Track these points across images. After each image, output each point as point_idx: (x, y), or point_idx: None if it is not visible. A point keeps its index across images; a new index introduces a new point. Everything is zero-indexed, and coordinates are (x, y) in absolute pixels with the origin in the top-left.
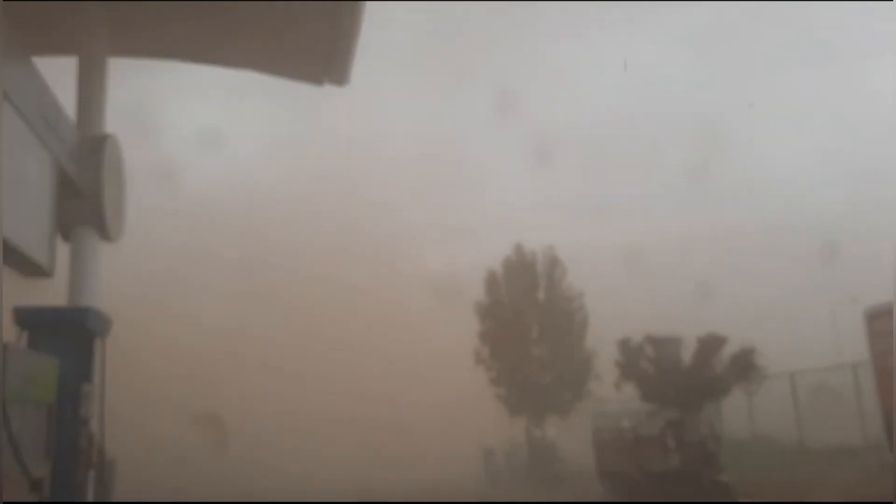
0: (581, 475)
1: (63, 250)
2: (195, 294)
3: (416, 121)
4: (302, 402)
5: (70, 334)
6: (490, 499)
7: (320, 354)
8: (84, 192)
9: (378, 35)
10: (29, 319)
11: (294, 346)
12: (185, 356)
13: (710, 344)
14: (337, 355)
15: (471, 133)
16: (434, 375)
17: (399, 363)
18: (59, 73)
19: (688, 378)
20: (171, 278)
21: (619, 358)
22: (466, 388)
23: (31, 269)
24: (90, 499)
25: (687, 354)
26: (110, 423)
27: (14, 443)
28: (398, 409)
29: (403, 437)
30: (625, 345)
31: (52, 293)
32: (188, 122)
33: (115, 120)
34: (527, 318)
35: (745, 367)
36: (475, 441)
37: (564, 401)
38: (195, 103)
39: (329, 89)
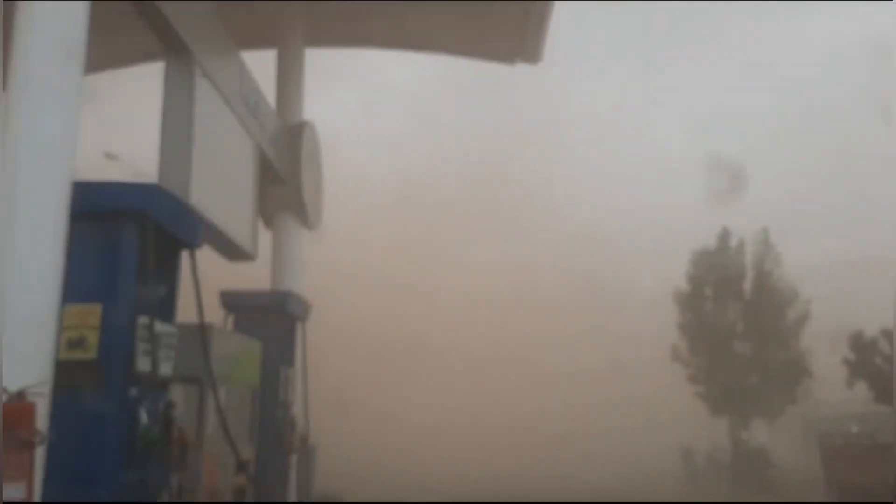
0: (796, 482)
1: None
2: (388, 288)
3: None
4: (495, 394)
5: (272, 318)
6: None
7: (507, 341)
8: (284, 179)
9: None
10: (234, 303)
11: (477, 337)
12: (373, 349)
13: None
14: (523, 344)
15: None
16: (627, 371)
17: (591, 355)
18: (255, 65)
19: None
20: (368, 269)
21: (848, 354)
22: (662, 385)
23: (235, 253)
24: (293, 483)
25: None
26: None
27: (224, 422)
28: (591, 406)
29: (595, 436)
30: (856, 340)
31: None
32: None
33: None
34: (731, 310)
35: None
36: (672, 441)
37: (773, 402)
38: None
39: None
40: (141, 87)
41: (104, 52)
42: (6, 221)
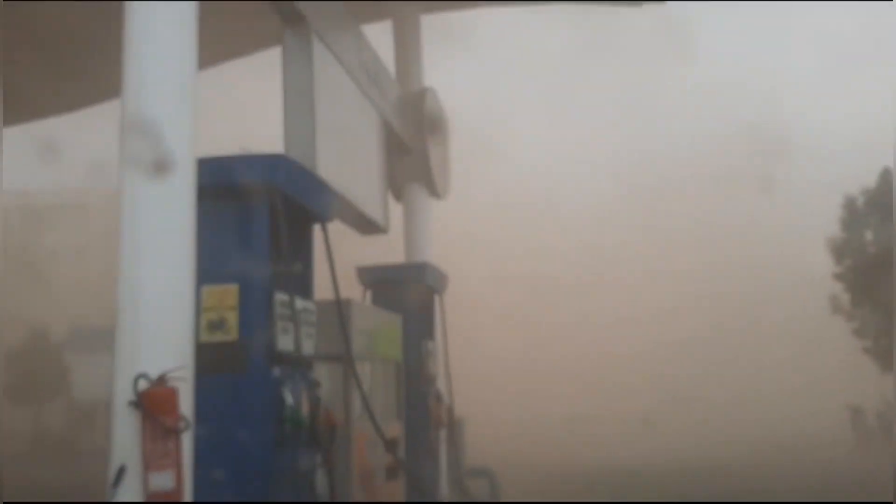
0: None
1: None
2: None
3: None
4: (647, 363)
5: (410, 291)
6: (863, 462)
7: (652, 307)
8: (410, 148)
9: None
10: (371, 278)
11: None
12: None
13: None
14: (670, 310)
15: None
16: (787, 325)
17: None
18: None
19: None
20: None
21: None
22: (824, 341)
23: (367, 226)
24: (443, 459)
25: None
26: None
27: (365, 400)
28: (751, 369)
29: (759, 397)
30: None
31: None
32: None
33: None
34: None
35: None
36: (838, 400)
37: None
38: None
39: None
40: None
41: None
42: (133, 203)
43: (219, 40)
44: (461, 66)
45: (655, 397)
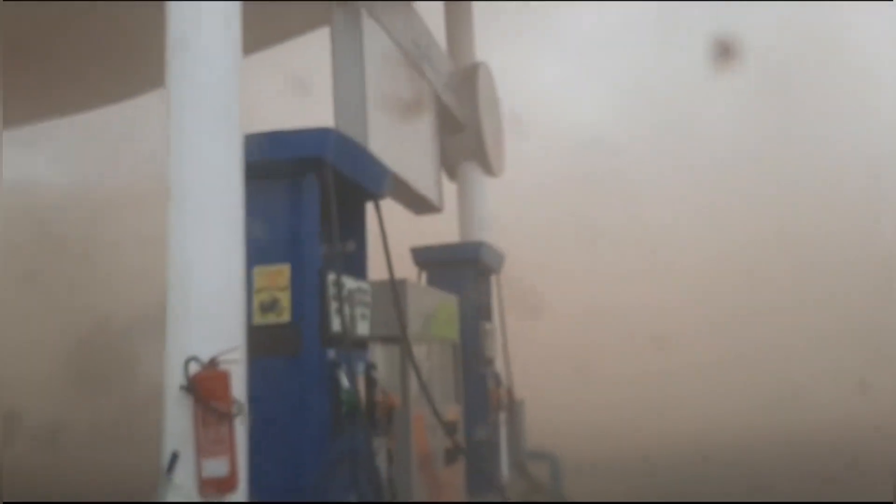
0: None
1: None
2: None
3: None
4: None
5: (466, 271)
6: None
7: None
8: (463, 124)
9: None
10: (425, 258)
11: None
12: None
13: None
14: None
15: None
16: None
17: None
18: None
19: None
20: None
21: None
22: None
23: (420, 205)
24: (503, 442)
25: None
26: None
27: (421, 382)
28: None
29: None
30: None
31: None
32: None
33: None
34: None
35: None
36: None
37: None
38: None
39: None
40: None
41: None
42: (181, 183)
43: (267, 21)
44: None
45: (723, 373)
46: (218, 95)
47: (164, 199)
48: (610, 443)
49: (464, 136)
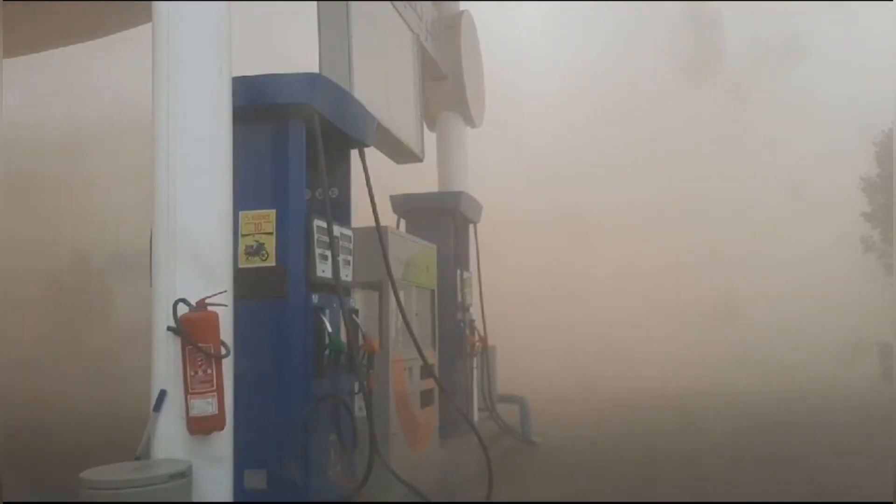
0: None
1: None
2: None
3: None
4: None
5: (445, 220)
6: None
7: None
8: (445, 74)
9: None
10: (404, 206)
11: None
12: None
13: None
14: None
15: None
16: (815, 263)
17: (766, 248)
18: None
19: None
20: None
21: None
22: (854, 279)
23: (402, 154)
24: (475, 386)
25: None
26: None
27: (409, 325)
28: (775, 302)
29: (782, 334)
30: None
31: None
32: None
33: None
34: None
35: None
36: (868, 338)
37: None
38: None
39: None
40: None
41: None
42: (168, 126)
43: None
44: None
45: (686, 326)
46: (207, 35)
47: (139, 139)
48: (580, 387)
49: (445, 85)
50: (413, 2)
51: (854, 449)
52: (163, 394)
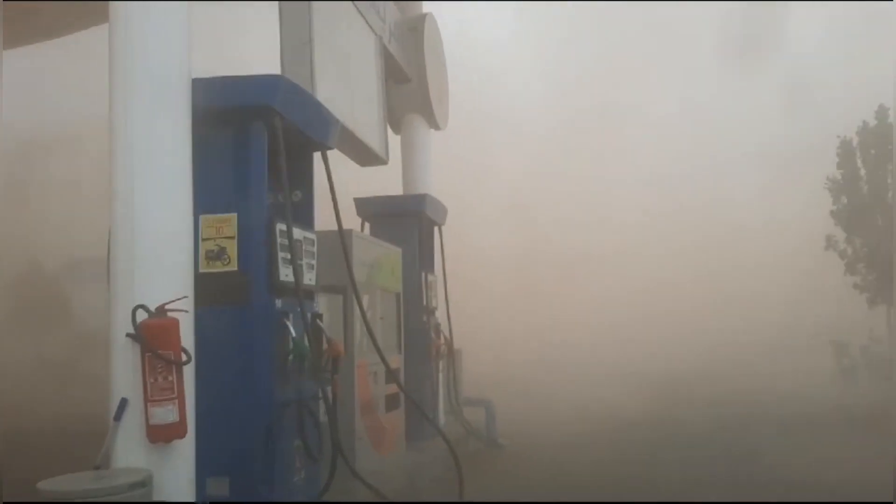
0: None
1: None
2: None
3: None
4: (643, 297)
5: (410, 222)
6: (846, 398)
7: (646, 242)
8: (409, 76)
9: None
10: (369, 209)
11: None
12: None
13: None
14: (664, 245)
15: None
16: (779, 262)
17: (733, 250)
18: None
19: None
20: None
21: None
22: (816, 278)
23: (367, 157)
24: (441, 389)
25: None
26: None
27: (370, 330)
28: (734, 300)
29: (744, 332)
30: None
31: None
32: None
33: None
34: (892, 193)
35: None
36: (826, 335)
37: None
38: None
39: None
40: None
41: None
42: (126, 129)
43: None
44: None
45: (649, 326)
46: (165, 36)
47: (98, 142)
48: (545, 389)
49: (409, 88)
50: (376, 2)
51: (816, 443)
52: (123, 402)
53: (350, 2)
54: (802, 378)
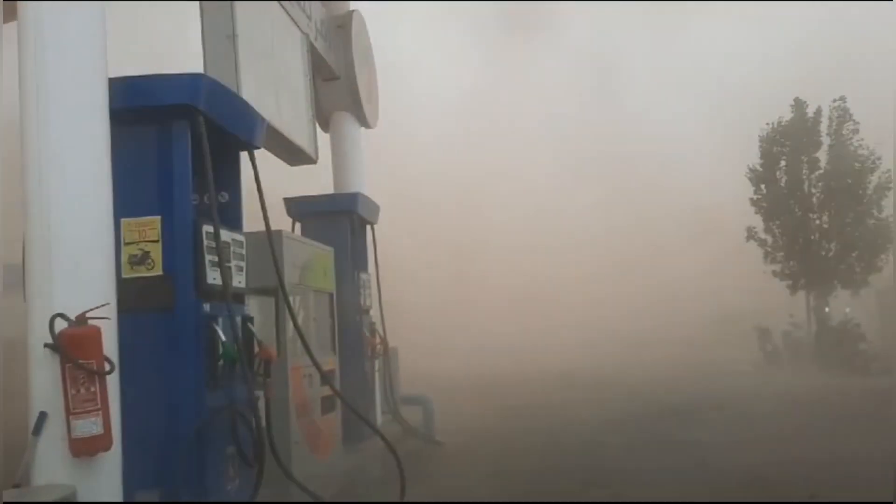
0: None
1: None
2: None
3: None
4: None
5: (342, 222)
6: (770, 379)
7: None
8: (337, 73)
9: None
10: (299, 209)
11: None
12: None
13: None
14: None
15: None
16: (699, 249)
17: (659, 240)
18: None
19: None
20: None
21: None
22: (737, 265)
23: (296, 156)
24: (377, 388)
25: None
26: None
27: (300, 332)
28: (662, 288)
29: (671, 320)
30: None
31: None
32: None
33: None
34: (807, 181)
35: None
36: (749, 322)
37: (854, 273)
38: None
39: None
40: None
41: None
42: (39, 129)
43: None
44: None
45: (578, 318)
46: (79, 35)
47: (10, 143)
48: (481, 385)
49: (337, 86)
50: (301, 1)
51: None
52: (42, 416)
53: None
54: (731, 365)
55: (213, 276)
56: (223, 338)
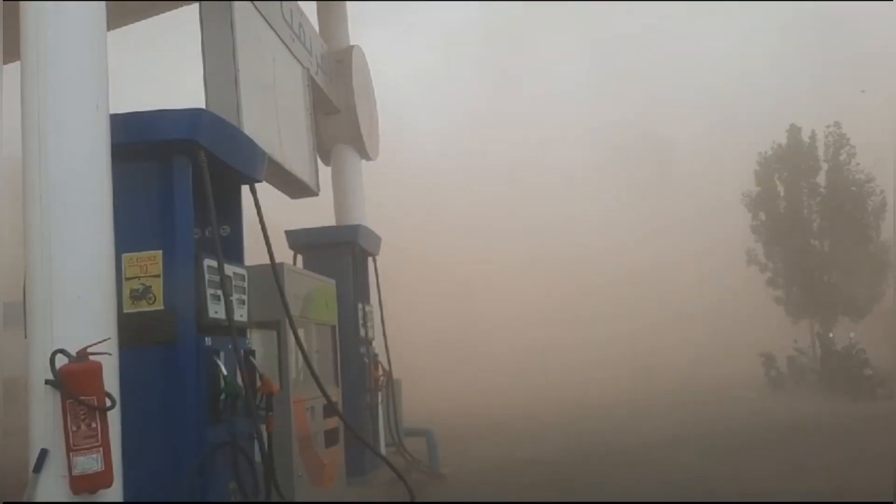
0: None
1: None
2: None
3: None
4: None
5: (343, 253)
6: (776, 408)
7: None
8: (338, 107)
9: None
10: (301, 241)
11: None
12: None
13: None
14: (592, 262)
15: None
16: (701, 277)
17: (658, 266)
18: None
19: None
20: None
21: None
22: (738, 291)
23: (297, 189)
24: (381, 419)
25: None
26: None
27: (309, 364)
28: (669, 319)
29: (673, 348)
30: None
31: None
32: None
33: None
34: (806, 208)
35: None
36: (753, 349)
37: (858, 300)
38: None
39: None
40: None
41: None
42: (42, 165)
43: None
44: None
45: (582, 349)
46: (80, 70)
47: (13, 178)
48: (486, 416)
49: (338, 119)
50: (303, 35)
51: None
52: (43, 453)
53: (276, 34)
54: (737, 392)
55: (215, 310)
56: (225, 372)
